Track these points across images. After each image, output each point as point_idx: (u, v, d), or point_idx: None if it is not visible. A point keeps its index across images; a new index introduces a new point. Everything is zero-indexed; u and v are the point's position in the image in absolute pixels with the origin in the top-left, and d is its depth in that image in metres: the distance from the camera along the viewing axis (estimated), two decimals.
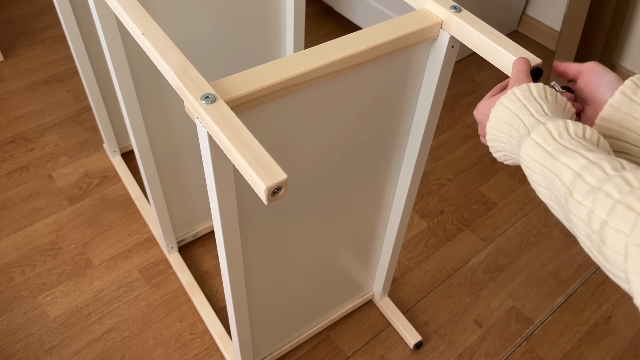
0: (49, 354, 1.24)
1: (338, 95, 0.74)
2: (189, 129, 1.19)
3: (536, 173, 0.51)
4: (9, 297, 1.33)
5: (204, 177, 1.31)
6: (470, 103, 1.93)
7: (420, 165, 0.95)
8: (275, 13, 1.11)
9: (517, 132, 0.54)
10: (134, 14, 0.69)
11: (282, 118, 0.70)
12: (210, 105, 0.57)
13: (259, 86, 0.62)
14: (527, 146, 0.51)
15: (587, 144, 0.48)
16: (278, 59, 0.65)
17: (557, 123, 0.51)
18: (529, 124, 0.53)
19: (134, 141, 1.09)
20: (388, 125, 0.87)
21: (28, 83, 1.89)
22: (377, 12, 1.95)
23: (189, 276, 1.36)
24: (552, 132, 0.50)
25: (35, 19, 2.16)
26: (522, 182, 1.68)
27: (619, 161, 0.45)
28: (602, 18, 1.86)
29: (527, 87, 0.56)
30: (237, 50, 1.12)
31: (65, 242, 1.45)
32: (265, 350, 1.17)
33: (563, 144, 0.49)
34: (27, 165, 1.63)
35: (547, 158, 0.49)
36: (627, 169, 0.44)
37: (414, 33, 0.70)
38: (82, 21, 1.31)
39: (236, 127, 0.55)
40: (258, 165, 0.51)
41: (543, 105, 0.54)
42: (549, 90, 0.56)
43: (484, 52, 0.68)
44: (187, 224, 1.41)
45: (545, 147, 0.50)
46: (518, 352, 1.30)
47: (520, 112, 0.55)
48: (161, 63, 0.64)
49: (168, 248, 1.39)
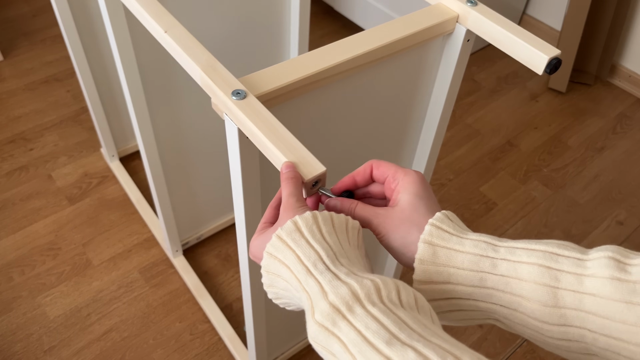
0: (49, 355, 1.23)
1: (360, 89, 0.74)
2: (199, 130, 1.18)
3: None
4: (9, 297, 1.33)
5: (211, 178, 1.31)
6: (470, 103, 1.93)
7: (433, 158, 0.96)
8: (280, 13, 1.11)
9: (298, 293, 0.42)
10: (154, 12, 0.69)
11: (306, 113, 0.70)
12: (241, 101, 0.57)
13: (287, 81, 0.62)
14: (314, 330, 0.38)
15: (397, 316, 0.37)
16: (301, 55, 0.65)
17: (348, 288, 0.38)
18: (309, 288, 0.40)
19: (141, 143, 1.09)
20: (404, 120, 0.87)
21: (28, 83, 1.89)
22: (378, 11, 1.95)
23: (195, 279, 1.36)
24: (339, 308, 0.37)
25: (34, 19, 2.16)
26: (522, 182, 1.68)
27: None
28: (603, 18, 1.85)
29: (293, 225, 0.43)
30: (241, 49, 1.12)
31: (64, 242, 1.44)
32: (277, 350, 1.18)
33: (359, 328, 0.36)
34: (26, 165, 1.63)
35: (343, 355, 0.36)
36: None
37: (432, 27, 0.71)
38: (80, 22, 1.30)
39: (270, 122, 0.55)
40: (296, 159, 0.51)
41: (319, 250, 0.42)
42: (321, 220, 0.44)
43: (501, 44, 0.68)
44: (192, 226, 1.40)
45: (339, 336, 0.36)
46: (518, 352, 1.30)
47: (294, 266, 0.42)
48: (187, 61, 0.63)
49: (173, 252, 1.38)
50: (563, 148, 1.79)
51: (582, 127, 1.87)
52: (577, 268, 0.42)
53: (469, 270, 0.44)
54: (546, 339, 0.43)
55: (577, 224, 1.57)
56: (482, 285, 0.44)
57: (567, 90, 2.01)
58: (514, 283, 0.43)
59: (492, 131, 1.83)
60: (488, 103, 1.94)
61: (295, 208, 0.46)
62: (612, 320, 0.40)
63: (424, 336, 0.35)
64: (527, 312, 0.43)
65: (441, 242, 0.45)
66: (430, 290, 0.46)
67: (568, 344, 0.42)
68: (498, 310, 0.45)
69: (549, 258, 0.42)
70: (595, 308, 0.40)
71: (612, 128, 1.87)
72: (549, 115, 1.91)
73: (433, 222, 0.46)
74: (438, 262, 0.45)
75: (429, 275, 0.46)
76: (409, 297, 0.39)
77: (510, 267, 0.43)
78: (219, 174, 1.31)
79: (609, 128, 1.87)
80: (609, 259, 0.41)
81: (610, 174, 1.72)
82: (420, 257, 0.45)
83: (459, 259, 0.45)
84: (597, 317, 0.40)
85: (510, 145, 1.79)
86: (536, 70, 0.64)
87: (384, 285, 0.39)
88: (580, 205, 1.62)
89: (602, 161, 1.76)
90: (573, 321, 0.41)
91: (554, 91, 2.00)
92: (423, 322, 0.37)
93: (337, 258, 0.42)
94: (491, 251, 0.44)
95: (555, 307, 0.42)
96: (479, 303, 0.45)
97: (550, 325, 0.42)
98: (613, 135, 1.85)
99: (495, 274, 0.44)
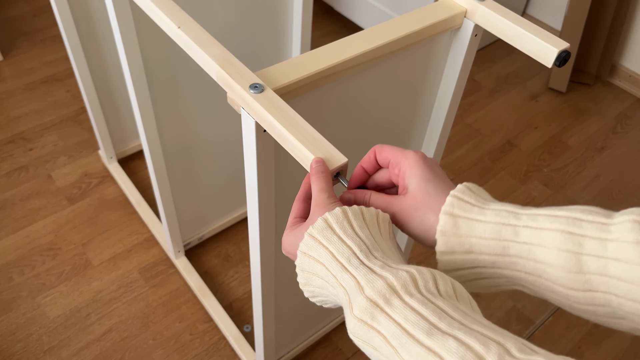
0: (49, 355, 1.23)
1: (369, 84, 0.75)
2: (204, 129, 1.18)
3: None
4: (9, 297, 1.33)
5: (214, 178, 1.31)
6: (470, 103, 1.93)
7: (439, 152, 0.96)
8: (282, 13, 1.11)
9: (335, 290, 0.42)
10: (166, 8, 0.69)
11: (318, 107, 0.71)
12: (259, 95, 0.58)
13: (302, 75, 0.62)
14: (353, 325, 0.38)
15: (436, 306, 0.36)
16: (314, 50, 0.66)
17: (383, 281, 0.38)
18: (345, 284, 0.40)
19: (145, 143, 1.08)
20: (411, 114, 0.87)
21: (27, 83, 1.89)
22: (378, 11, 1.95)
23: (197, 279, 1.35)
24: (377, 302, 0.37)
25: (34, 19, 2.15)
26: (522, 182, 1.68)
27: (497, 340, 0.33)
28: (603, 18, 1.85)
29: (324, 223, 0.43)
30: (244, 49, 1.12)
31: (64, 242, 1.44)
32: (284, 348, 1.19)
33: (398, 321, 0.36)
34: (26, 165, 1.63)
35: (385, 347, 0.36)
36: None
37: (440, 22, 0.71)
38: (80, 22, 1.29)
39: (289, 115, 0.55)
40: (318, 151, 0.51)
41: (352, 246, 0.41)
42: (352, 215, 0.44)
43: (510, 38, 0.68)
44: (194, 227, 1.40)
45: (379, 329, 0.36)
46: None
47: (329, 263, 0.42)
48: (202, 56, 0.64)
49: (175, 252, 1.38)
50: (563, 148, 1.79)
51: (582, 127, 1.87)
52: (601, 233, 0.41)
53: (491, 239, 0.44)
54: (573, 304, 0.43)
55: None
56: (505, 253, 0.44)
57: (567, 90, 2.01)
58: (537, 250, 0.43)
59: (492, 131, 1.83)
60: (488, 103, 1.94)
61: (327, 204, 0.45)
62: (637, 285, 0.39)
63: (465, 324, 0.35)
64: (552, 278, 0.43)
65: (462, 212, 0.45)
66: (452, 260, 0.46)
67: (595, 308, 0.42)
68: (523, 277, 0.44)
69: (572, 224, 0.42)
70: (620, 273, 0.40)
71: (612, 128, 1.87)
72: (549, 115, 1.91)
73: (454, 193, 0.46)
74: (460, 233, 0.45)
75: (451, 247, 0.45)
76: (447, 286, 0.39)
77: (532, 234, 0.43)
78: (222, 173, 1.31)
79: (609, 128, 1.87)
80: (634, 222, 0.40)
81: (610, 174, 1.72)
82: (442, 228, 0.45)
83: (481, 228, 0.44)
84: (623, 282, 0.40)
85: (510, 145, 1.79)
86: (546, 64, 0.65)
87: (420, 276, 0.38)
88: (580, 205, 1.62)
89: (602, 161, 1.76)
90: (598, 286, 0.41)
91: (554, 91, 2.00)
92: (463, 310, 0.37)
93: (370, 252, 0.41)
94: (513, 219, 0.44)
95: (580, 273, 0.41)
96: (503, 271, 0.45)
97: (576, 291, 0.42)
98: (613, 135, 1.85)
99: (517, 241, 0.43)
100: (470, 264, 0.46)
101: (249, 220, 0.77)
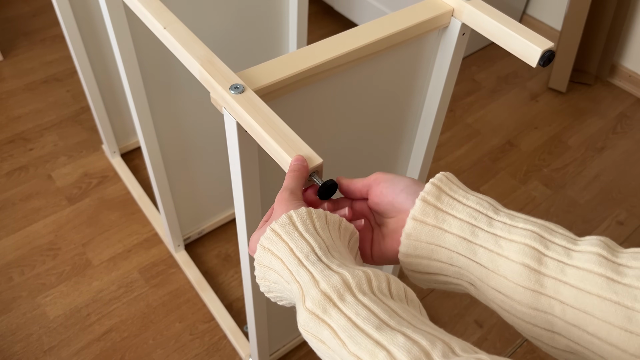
0: (49, 355, 1.23)
1: (356, 84, 0.75)
2: (200, 125, 1.18)
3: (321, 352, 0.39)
4: (9, 297, 1.33)
5: (212, 173, 1.32)
6: (470, 103, 1.93)
7: (429, 154, 0.96)
8: (278, 11, 1.11)
9: (289, 285, 0.42)
10: (153, 8, 0.70)
11: (303, 107, 0.71)
12: (239, 95, 0.58)
13: (284, 75, 0.63)
14: (304, 318, 0.39)
15: (387, 306, 0.37)
16: (298, 50, 0.66)
17: (340, 277, 0.39)
18: (300, 278, 0.40)
19: (142, 139, 1.09)
20: (401, 113, 0.87)
21: (27, 83, 1.89)
22: (377, 11, 1.95)
23: (197, 273, 1.37)
24: (330, 296, 0.38)
25: (34, 19, 2.15)
26: (522, 182, 1.68)
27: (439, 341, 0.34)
28: (603, 18, 1.85)
29: (287, 219, 0.44)
30: (240, 48, 1.12)
31: (64, 243, 1.44)
32: (278, 342, 1.19)
33: (349, 315, 0.36)
34: (26, 165, 1.63)
35: (333, 340, 0.36)
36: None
37: (427, 21, 0.71)
38: (81, 21, 1.31)
39: (268, 115, 0.56)
40: (294, 152, 0.52)
41: (312, 243, 0.42)
42: (315, 216, 0.44)
43: (496, 38, 0.68)
44: (194, 221, 1.41)
45: (329, 323, 0.37)
46: (519, 352, 1.30)
47: (286, 257, 0.42)
48: (185, 56, 0.64)
49: (175, 246, 1.39)
50: (563, 148, 1.79)
51: (582, 127, 1.87)
52: (564, 257, 0.42)
53: (451, 251, 0.46)
54: (516, 319, 0.44)
55: (577, 224, 1.57)
56: (456, 264, 0.46)
57: (567, 90, 2.01)
58: (496, 267, 0.44)
59: (492, 131, 1.83)
60: (488, 103, 1.94)
61: (289, 202, 0.46)
62: (590, 315, 0.40)
63: (413, 324, 0.36)
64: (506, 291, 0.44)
65: (437, 202, 0.47)
66: (418, 248, 0.48)
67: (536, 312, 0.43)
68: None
69: (530, 253, 0.43)
70: (573, 299, 0.41)
71: (612, 128, 1.87)
72: (549, 115, 1.91)
73: (434, 180, 0.47)
74: (429, 222, 0.46)
75: (419, 232, 0.47)
76: (399, 290, 0.40)
77: (488, 258, 0.45)
78: (219, 169, 1.32)
79: (609, 128, 1.87)
80: (599, 255, 0.41)
81: (610, 174, 1.72)
82: (414, 213, 0.47)
83: (444, 237, 0.46)
84: (572, 308, 0.41)
85: (510, 145, 1.79)
86: (530, 63, 0.65)
87: (375, 277, 0.39)
88: (580, 205, 1.62)
89: (602, 161, 1.76)
90: (545, 306, 0.42)
91: (554, 91, 2.00)
92: (412, 312, 0.38)
93: (329, 251, 0.42)
94: (471, 235, 0.45)
95: (535, 292, 0.42)
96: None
97: (523, 306, 0.43)
98: (613, 135, 1.85)
99: (474, 260, 0.45)
100: (435, 256, 0.48)
101: (237, 219, 0.78)
